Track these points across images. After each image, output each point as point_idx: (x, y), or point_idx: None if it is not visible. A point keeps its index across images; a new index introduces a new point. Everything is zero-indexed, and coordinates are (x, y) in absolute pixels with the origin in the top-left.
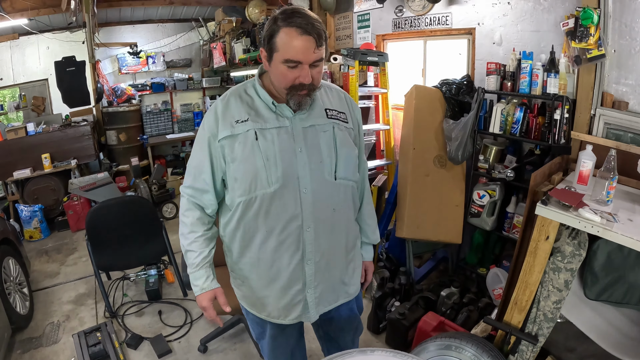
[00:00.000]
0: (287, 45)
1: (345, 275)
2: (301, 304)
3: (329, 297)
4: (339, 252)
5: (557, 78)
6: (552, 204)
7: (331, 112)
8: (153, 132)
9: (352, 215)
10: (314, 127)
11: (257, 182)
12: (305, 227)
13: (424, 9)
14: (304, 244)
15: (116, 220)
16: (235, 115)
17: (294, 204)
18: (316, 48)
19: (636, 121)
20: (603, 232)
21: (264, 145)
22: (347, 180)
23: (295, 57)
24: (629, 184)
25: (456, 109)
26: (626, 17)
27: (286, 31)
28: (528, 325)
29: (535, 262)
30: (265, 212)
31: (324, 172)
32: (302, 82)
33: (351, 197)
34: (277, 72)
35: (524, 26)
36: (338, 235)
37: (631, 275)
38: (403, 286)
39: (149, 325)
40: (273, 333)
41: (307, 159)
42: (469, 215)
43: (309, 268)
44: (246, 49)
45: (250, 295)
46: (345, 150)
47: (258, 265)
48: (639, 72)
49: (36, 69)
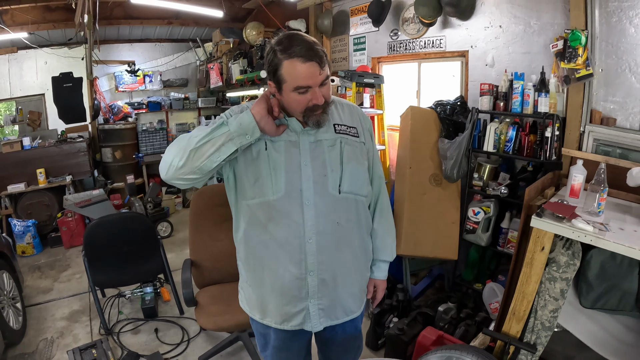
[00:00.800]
0: (293, 75)
1: (354, 292)
2: (303, 313)
3: (336, 312)
4: (347, 268)
5: (548, 97)
6: (546, 216)
7: (340, 127)
8: (148, 150)
9: (361, 231)
10: (321, 142)
11: (261, 189)
12: (307, 239)
13: (419, 33)
14: (306, 255)
15: (115, 236)
16: None
17: (297, 215)
18: (321, 70)
19: (624, 136)
20: (596, 240)
21: (272, 156)
22: (353, 194)
23: (305, 83)
24: (619, 196)
25: (450, 129)
26: (612, 38)
27: (289, 62)
28: (526, 335)
29: (531, 272)
30: (268, 219)
31: (328, 186)
32: (316, 104)
33: (358, 212)
34: (290, 100)
35: (515, 48)
36: (344, 250)
37: (624, 283)
38: (401, 302)
39: (145, 343)
40: (277, 345)
41: (312, 173)
42: (464, 231)
43: (312, 280)
44: (243, 70)
45: (254, 298)
46: (353, 164)
47: (262, 270)
48: (626, 90)
49: (33, 83)
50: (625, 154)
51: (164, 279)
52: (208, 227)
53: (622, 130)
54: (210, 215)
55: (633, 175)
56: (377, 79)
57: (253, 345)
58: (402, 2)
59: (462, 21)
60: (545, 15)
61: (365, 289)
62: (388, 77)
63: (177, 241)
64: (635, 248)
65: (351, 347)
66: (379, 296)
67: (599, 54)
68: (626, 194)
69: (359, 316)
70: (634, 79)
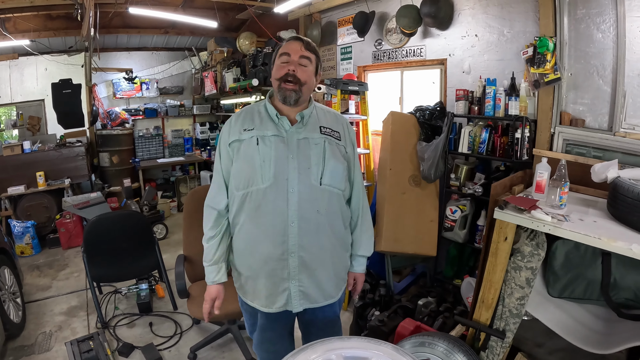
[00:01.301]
0: (282, 48)
1: (332, 275)
2: (285, 293)
3: (316, 294)
4: (325, 252)
5: (518, 101)
6: (508, 209)
7: (325, 129)
8: (144, 156)
9: (338, 221)
10: (307, 140)
11: (253, 179)
12: (290, 222)
13: (401, 42)
14: (288, 237)
15: (115, 232)
16: (245, 125)
17: (282, 201)
18: (303, 49)
19: (591, 136)
20: (554, 229)
21: (263, 150)
22: (332, 187)
23: (285, 50)
24: (587, 192)
25: (429, 132)
26: (580, 44)
27: (285, 43)
28: (495, 322)
29: (497, 261)
30: (257, 206)
31: (311, 178)
32: (288, 72)
33: (337, 204)
34: (274, 71)
35: (490, 56)
36: (322, 236)
37: (589, 272)
38: (383, 297)
39: (140, 336)
40: (262, 323)
41: (297, 165)
42: (443, 229)
43: (293, 260)
44: (236, 78)
45: (243, 284)
46: (333, 161)
47: (251, 254)
48: (594, 92)
49: (33, 89)
50: (597, 153)
51: (159, 277)
52: (201, 224)
53: (590, 131)
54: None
55: (596, 171)
56: (362, 87)
57: (242, 337)
58: (385, 13)
59: (440, 31)
60: (518, 24)
61: (343, 277)
62: (373, 85)
63: (171, 242)
64: (590, 235)
65: (330, 331)
66: (359, 288)
67: (568, 58)
68: (594, 190)
69: (337, 301)
70: (601, 82)
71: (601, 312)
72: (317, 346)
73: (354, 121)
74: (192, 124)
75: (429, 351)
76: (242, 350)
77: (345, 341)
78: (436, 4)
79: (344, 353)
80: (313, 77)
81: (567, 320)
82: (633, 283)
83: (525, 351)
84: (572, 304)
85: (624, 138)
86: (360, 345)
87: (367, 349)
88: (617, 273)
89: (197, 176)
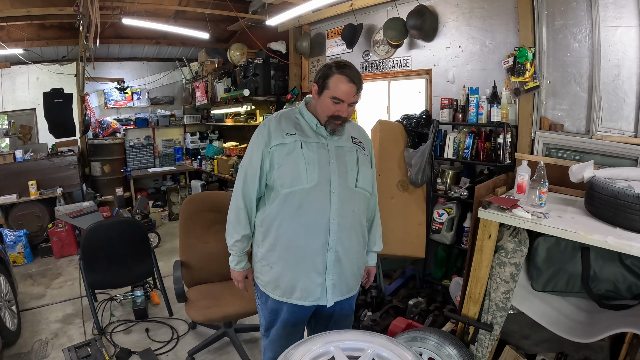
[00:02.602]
0: (336, 87)
1: (355, 270)
2: (320, 287)
3: (342, 288)
4: (354, 248)
5: (499, 108)
6: (491, 208)
7: (355, 140)
8: (135, 165)
9: (364, 220)
10: (343, 148)
11: (298, 179)
12: (331, 219)
13: (388, 53)
14: (329, 233)
15: (112, 239)
16: (286, 129)
17: (325, 200)
18: (356, 94)
19: (570, 139)
20: (534, 225)
21: (307, 154)
22: (364, 190)
23: (341, 97)
24: (567, 192)
25: (416, 140)
26: (558, 53)
27: (338, 77)
28: (483, 316)
29: (482, 258)
30: (300, 204)
31: (348, 181)
32: (339, 115)
33: (366, 205)
34: (323, 104)
35: (473, 66)
36: (355, 233)
37: (569, 266)
38: (374, 299)
39: (137, 342)
40: (286, 318)
41: (337, 169)
42: (431, 232)
43: (330, 255)
44: (227, 89)
45: (276, 279)
46: (364, 168)
47: (288, 250)
48: (572, 98)
49: (25, 98)
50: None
51: (153, 284)
52: (197, 231)
53: (569, 134)
54: (199, 219)
55: (573, 172)
56: None
57: (239, 340)
58: (372, 26)
59: (426, 42)
60: (499, 36)
61: (362, 272)
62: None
63: (164, 251)
64: (568, 230)
65: (344, 324)
66: (371, 279)
67: (547, 67)
68: (573, 190)
69: (355, 295)
70: (578, 89)
71: (583, 304)
72: (317, 339)
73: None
74: (183, 134)
75: (421, 345)
76: (239, 353)
77: (342, 334)
78: (421, 17)
79: (342, 345)
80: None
81: (551, 313)
82: (612, 275)
83: (513, 343)
84: (555, 297)
85: (600, 141)
86: (357, 337)
87: (363, 340)
88: (597, 266)
89: (187, 185)
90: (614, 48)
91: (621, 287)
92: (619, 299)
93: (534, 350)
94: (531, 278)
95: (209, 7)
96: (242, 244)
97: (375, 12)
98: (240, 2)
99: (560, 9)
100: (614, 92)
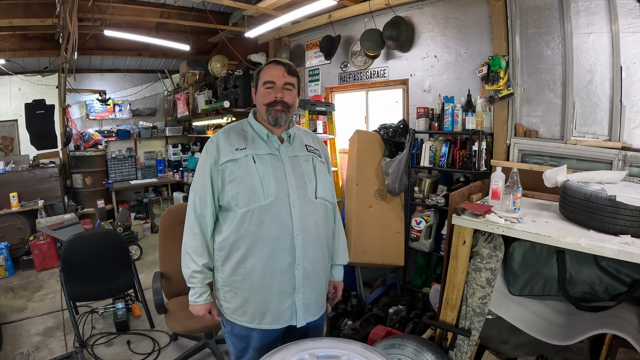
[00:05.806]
0: (265, 73)
1: (322, 288)
2: (290, 309)
3: (312, 308)
4: (321, 263)
5: (474, 116)
6: (465, 215)
7: (310, 148)
8: (117, 177)
9: (329, 231)
10: (297, 157)
11: (255, 196)
12: (295, 235)
13: (365, 64)
14: (294, 250)
15: (92, 251)
16: (235, 144)
17: (286, 215)
18: (286, 74)
19: (544, 145)
20: (507, 230)
21: (261, 168)
22: (324, 200)
23: (270, 78)
24: (542, 197)
25: (393, 149)
26: (531, 61)
27: (265, 67)
28: (461, 321)
29: (457, 264)
30: (260, 222)
31: (307, 192)
32: (276, 99)
33: (327, 215)
34: (260, 96)
35: (449, 75)
36: (320, 247)
37: (546, 270)
38: (355, 307)
39: (118, 354)
40: (258, 345)
41: (294, 181)
42: (409, 240)
43: (298, 272)
44: (208, 100)
45: (242, 304)
46: (323, 176)
47: (252, 273)
48: (546, 105)
49: (7, 109)
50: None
51: (135, 296)
52: (176, 242)
53: (543, 140)
54: (178, 230)
55: (547, 177)
56: (329, 107)
57: (220, 351)
58: (350, 37)
59: (402, 53)
60: (474, 45)
61: (327, 286)
62: (340, 105)
63: (146, 263)
64: (540, 234)
65: (319, 335)
66: (339, 294)
67: (520, 75)
68: (548, 195)
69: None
70: (552, 95)
71: (561, 307)
72: (291, 347)
73: (323, 140)
74: (165, 146)
75: (399, 352)
76: None
77: (317, 342)
78: (397, 28)
79: (317, 352)
80: (297, 98)
81: (530, 316)
82: (588, 277)
83: (492, 348)
84: (533, 301)
85: (575, 145)
86: (331, 345)
87: (338, 347)
88: (573, 269)
89: (170, 197)
90: (587, 54)
91: (598, 288)
92: (597, 301)
93: (514, 354)
94: (508, 283)
95: (189, 19)
96: (202, 275)
97: (353, 24)
98: (221, 14)
99: (534, 17)
100: (587, 97)
